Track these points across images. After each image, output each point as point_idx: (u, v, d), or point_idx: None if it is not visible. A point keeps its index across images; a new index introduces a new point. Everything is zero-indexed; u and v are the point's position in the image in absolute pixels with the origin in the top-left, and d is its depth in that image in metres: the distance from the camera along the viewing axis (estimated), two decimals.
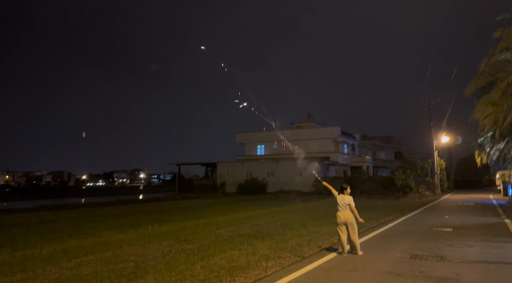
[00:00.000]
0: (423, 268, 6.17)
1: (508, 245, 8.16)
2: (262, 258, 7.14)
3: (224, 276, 5.89)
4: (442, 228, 11.07)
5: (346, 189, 7.45)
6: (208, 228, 11.29)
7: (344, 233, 7.24)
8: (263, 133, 46.77)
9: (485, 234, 9.76)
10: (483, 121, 14.11)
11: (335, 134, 42.42)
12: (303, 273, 6.02)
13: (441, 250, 7.67)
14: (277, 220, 13.29)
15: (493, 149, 21.81)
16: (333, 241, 8.89)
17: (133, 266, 6.70)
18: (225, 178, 40.51)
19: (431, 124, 37.53)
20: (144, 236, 10.08)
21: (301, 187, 35.19)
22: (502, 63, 13.24)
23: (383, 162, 56.66)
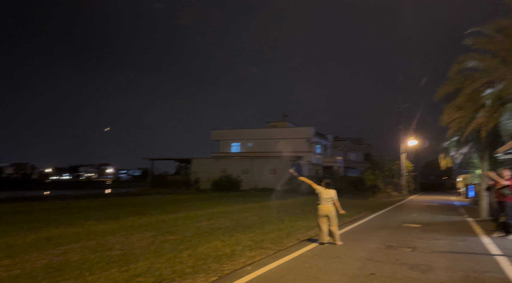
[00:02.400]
0: (398, 257, 6.68)
1: (471, 239, 8.87)
2: (245, 248, 7.42)
3: (212, 263, 6.13)
4: (411, 224, 11.76)
5: (329, 184, 7.89)
6: (188, 221, 11.45)
7: (326, 224, 7.67)
8: (238, 131, 47.05)
9: (450, 230, 10.49)
10: (450, 125, 14.99)
11: (309, 134, 43.28)
12: (289, 259, 6.38)
13: (412, 242, 8.24)
14: (255, 215, 13.61)
15: (457, 153, 22.93)
16: (310, 235, 9.31)
17: (120, 254, 6.82)
18: (199, 175, 40.45)
19: (400, 128, 39.08)
20: (125, 227, 10.13)
21: (275, 185, 35.69)
22: (470, 71, 14.12)
23: (353, 163, 58.26)
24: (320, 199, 7.84)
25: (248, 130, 46.71)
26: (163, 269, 5.64)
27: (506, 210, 9.16)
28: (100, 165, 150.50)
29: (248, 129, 46.99)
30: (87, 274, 5.33)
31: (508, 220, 9.06)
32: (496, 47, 13.61)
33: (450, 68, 14.36)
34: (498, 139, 14.65)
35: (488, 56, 13.70)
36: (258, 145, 44.84)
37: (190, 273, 5.47)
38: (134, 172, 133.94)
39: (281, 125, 46.93)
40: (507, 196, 9.19)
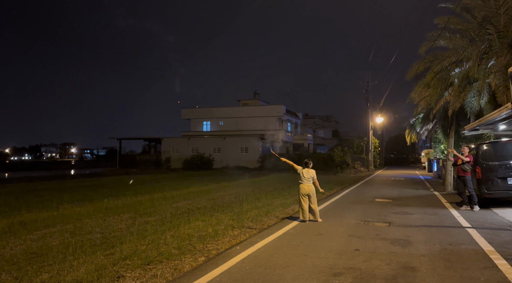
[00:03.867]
0: (378, 232, 6.97)
1: (442, 212, 9.37)
2: (228, 227, 7.48)
3: (196, 244, 6.14)
4: (383, 199, 12.24)
5: (309, 164, 8.03)
6: (165, 202, 11.36)
7: (307, 202, 7.85)
8: (209, 109, 46.56)
9: (421, 204, 11.02)
10: (419, 103, 15.51)
11: (280, 113, 43.52)
12: (275, 237, 6.50)
13: (387, 217, 8.60)
14: (231, 194, 13.68)
15: (422, 129, 23.84)
16: (288, 212, 9.50)
17: (101, 237, 6.71)
18: (170, 154, 39.97)
19: (368, 105, 40.00)
20: (101, 209, 9.93)
21: (247, 163, 35.95)
22: (440, 51, 14.55)
23: (322, 139, 59.37)
24: (301, 179, 7.98)
25: (219, 108, 46.29)
26: (148, 251, 5.60)
27: (467, 183, 9.74)
28: (63, 144, 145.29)
29: (219, 107, 46.57)
30: (71, 259, 5.21)
31: (471, 193, 9.65)
32: (464, 27, 14.04)
33: (420, 47, 14.73)
34: (463, 116, 15.37)
35: (457, 35, 14.12)
36: (230, 124, 44.67)
37: (176, 255, 5.47)
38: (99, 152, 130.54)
39: (252, 104, 46.85)
40: (467, 171, 9.75)
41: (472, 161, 9.82)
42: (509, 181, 9.48)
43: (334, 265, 4.89)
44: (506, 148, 9.90)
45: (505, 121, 9.64)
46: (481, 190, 9.71)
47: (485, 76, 12.44)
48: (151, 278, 4.49)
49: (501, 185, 9.54)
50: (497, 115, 8.68)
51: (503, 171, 9.56)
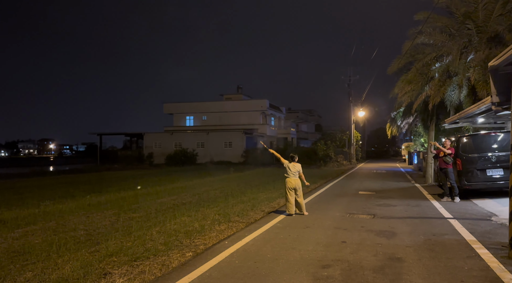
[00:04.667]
0: (363, 224, 7.08)
1: (424, 204, 9.59)
2: (214, 222, 7.46)
3: (183, 239, 6.11)
4: (366, 192, 12.44)
5: (295, 158, 8.08)
6: (149, 198, 11.25)
7: (293, 196, 7.91)
8: (192, 104, 46.14)
9: (403, 196, 11.24)
10: (402, 98, 15.76)
11: (264, 107, 43.50)
12: (263, 231, 6.53)
13: (372, 210, 8.75)
14: (216, 189, 13.64)
15: (403, 123, 24.23)
16: (274, 206, 9.54)
17: (85, 234, 6.60)
18: (153, 149, 39.51)
19: (350, 99, 40.44)
20: (84, 206, 9.76)
21: (231, 158, 35.89)
22: (421, 46, 14.79)
23: (305, 134, 59.79)
24: (287, 173, 8.02)
25: (202, 103, 45.93)
26: (134, 248, 5.54)
27: (448, 175, 10.00)
28: (41, 140, 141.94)
29: (202, 102, 46.20)
30: (55, 256, 5.10)
31: (452, 184, 9.92)
32: (444, 23, 14.29)
33: (401, 44, 14.97)
34: (443, 110, 15.70)
35: (437, 31, 14.37)
36: (213, 118, 44.42)
37: (163, 250, 5.43)
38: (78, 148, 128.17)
39: (236, 98, 46.67)
40: (448, 164, 10.01)
41: (454, 153, 10.08)
42: (487, 173, 9.77)
43: (322, 257, 4.94)
44: (485, 140, 10.19)
45: (484, 114, 9.89)
46: (461, 182, 9.98)
47: (464, 70, 12.72)
48: (139, 275, 4.44)
49: (480, 176, 9.82)
50: (476, 108, 8.89)
51: (482, 163, 9.84)
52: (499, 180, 9.60)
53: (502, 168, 9.57)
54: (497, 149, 9.83)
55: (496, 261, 4.64)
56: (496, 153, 9.79)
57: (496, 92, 7.08)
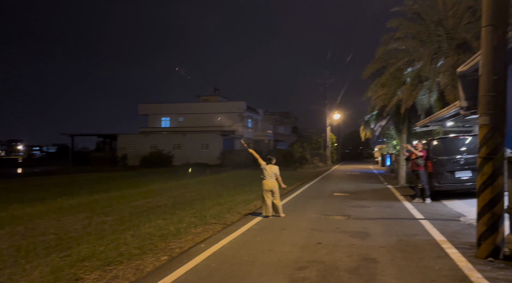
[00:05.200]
0: (338, 225, 7.18)
1: (397, 205, 9.83)
2: (190, 225, 7.40)
3: (158, 243, 6.02)
4: (341, 193, 12.64)
5: (272, 160, 8.12)
6: (123, 201, 11.03)
7: (270, 198, 7.94)
8: (168, 105, 45.56)
9: (376, 198, 11.49)
10: (375, 101, 16.15)
11: (241, 109, 43.49)
12: (239, 234, 6.51)
13: (346, 211, 8.89)
14: (192, 191, 13.53)
15: (376, 126, 24.78)
16: (251, 208, 9.55)
17: (56, 238, 6.40)
18: (127, 151, 38.73)
19: (325, 102, 41.04)
20: (55, 209, 9.47)
21: (208, 160, 35.65)
22: (394, 51, 15.21)
23: (281, 136, 60.14)
24: (264, 175, 8.05)
25: (178, 104, 45.43)
26: (107, 252, 5.42)
27: (420, 177, 10.30)
28: (8, 141, 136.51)
29: (178, 103, 45.70)
30: (23, 262, 4.92)
31: (424, 186, 10.22)
32: (415, 30, 14.75)
33: (375, 48, 15.35)
34: (414, 114, 16.17)
35: (409, 37, 14.82)
36: (190, 120, 43.99)
37: (137, 254, 5.33)
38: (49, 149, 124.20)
39: (213, 100, 46.45)
40: (420, 166, 10.32)
41: (425, 156, 10.39)
42: (456, 175, 10.13)
43: (299, 259, 4.98)
44: (454, 143, 10.56)
45: (453, 118, 10.27)
46: (432, 184, 10.30)
47: (435, 75, 13.16)
48: (112, 279, 4.34)
49: (449, 178, 10.17)
50: (446, 112, 9.22)
51: (451, 165, 10.20)
52: (467, 182, 9.96)
53: (470, 170, 9.94)
54: (466, 152, 10.21)
55: (465, 260, 4.81)
56: (465, 156, 10.16)
57: (464, 97, 7.38)
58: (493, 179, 4.80)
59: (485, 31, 4.75)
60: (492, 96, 4.85)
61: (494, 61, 4.80)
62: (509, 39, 4.83)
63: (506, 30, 4.68)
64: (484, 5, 4.66)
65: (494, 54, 4.79)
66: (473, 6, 13.28)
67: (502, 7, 4.63)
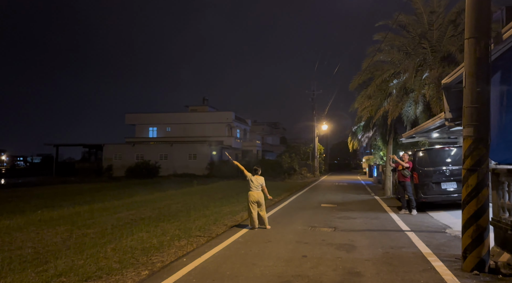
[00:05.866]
0: (324, 237, 7.09)
1: (383, 216, 9.80)
2: (174, 238, 7.23)
3: (140, 256, 5.85)
4: (328, 205, 12.57)
5: (258, 171, 8.02)
6: (106, 213, 10.78)
7: (255, 210, 7.82)
8: (155, 115, 45.21)
9: (363, 209, 11.45)
10: (361, 112, 16.25)
11: (229, 119, 43.40)
12: (224, 247, 6.36)
13: (333, 222, 8.81)
14: (178, 203, 13.32)
15: (363, 137, 24.92)
16: (237, 220, 9.41)
17: (33, 252, 6.18)
18: (112, 161, 38.17)
19: (313, 113, 41.24)
20: (34, 222, 9.18)
21: (195, 171, 35.34)
22: (380, 63, 15.38)
23: (270, 146, 60.18)
24: (250, 186, 7.94)
25: (166, 114, 45.12)
26: (86, 266, 5.23)
27: (406, 188, 10.31)
28: None
29: (166, 113, 45.39)
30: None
31: (410, 197, 10.21)
32: (401, 42, 14.96)
33: (362, 60, 15.52)
34: (400, 125, 16.30)
35: (394, 49, 15.01)
36: (177, 130, 43.69)
37: (117, 269, 5.15)
38: (33, 159, 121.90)
39: (201, 110, 46.30)
40: (407, 177, 10.33)
41: (411, 167, 10.41)
42: (442, 186, 10.16)
43: (283, 273, 4.86)
44: (439, 154, 10.63)
45: (438, 129, 10.35)
46: (418, 195, 10.31)
47: (420, 87, 13.31)
48: None
49: (435, 189, 10.20)
50: (431, 123, 9.28)
51: (437, 176, 10.24)
52: (453, 193, 10.01)
53: (456, 181, 10.00)
54: (451, 163, 10.28)
55: (450, 273, 4.75)
56: (450, 167, 10.22)
57: (449, 109, 7.42)
58: (478, 191, 4.79)
59: (468, 43, 4.79)
60: (476, 108, 4.87)
61: (477, 73, 4.83)
62: (491, 51, 4.87)
63: (489, 42, 4.72)
64: (467, 17, 4.71)
65: (477, 66, 4.82)
66: (455, 20, 13.56)
67: (484, 20, 4.68)
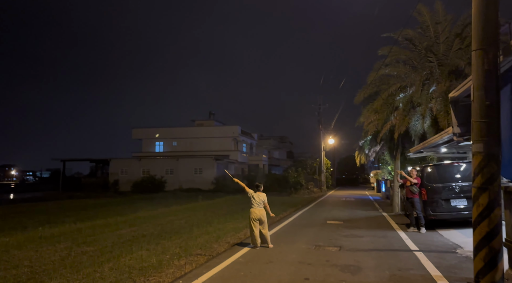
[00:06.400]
0: (328, 257, 6.81)
1: (391, 234, 9.46)
2: (174, 256, 7.03)
3: (137, 277, 5.65)
4: (334, 221, 12.25)
5: (260, 187, 7.82)
6: (108, 229, 10.62)
7: (257, 228, 7.58)
8: (162, 129, 45.34)
9: (370, 226, 11.11)
10: (368, 126, 16.01)
11: (235, 133, 43.34)
12: (223, 267, 6.12)
13: (338, 241, 8.52)
14: (181, 219, 13.13)
15: (371, 151, 24.61)
16: (240, 237, 9.17)
17: (29, 271, 6.02)
18: (119, 176, 38.17)
19: (320, 127, 41.02)
20: (35, 239, 9.05)
21: (201, 185, 35.14)
22: (385, 77, 15.20)
23: (277, 160, 59.85)
24: (252, 203, 7.73)
25: (173, 128, 45.25)
26: None
27: (415, 205, 9.98)
28: (2, 166, 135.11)
29: (173, 127, 45.53)
30: None
31: (419, 214, 9.87)
32: (407, 56, 14.80)
33: (368, 74, 15.36)
34: (408, 139, 16.01)
35: (400, 63, 14.86)
36: (184, 144, 43.71)
37: None
38: (42, 174, 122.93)
39: (208, 124, 46.36)
40: (415, 193, 10.01)
41: (419, 183, 10.10)
42: (452, 203, 9.82)
43: None
44: (449, 170, 10.31)
45: (447, 144, 10.08)
46: (426, 212, 9.97)
47: (427, 101, 13.07)
48: None
49: (445, 206, 9.85)
50: (439, 138, 9.03)
51: (447, 192, 9.91)
52: (463, 210, 9.66)
53: (466, 198, 9.66)
54: (461, 179, 9.95)
55: None
56: (460, 183, 9.90)
57: (457, 123, 7.19)
58: (490, 210, 4.53)
59: (475, 55, 4.60)
60: (485, 122, 4.65)
61: (486, 86, 4.63)
62: (501, 64, 4.67)
63: (497, 54, 4.53)
64: (473, 28, 4.53)
65: (486, 79, 4.62)
66: (461, 33, 13.40)
67: (491, 30, 4.50)
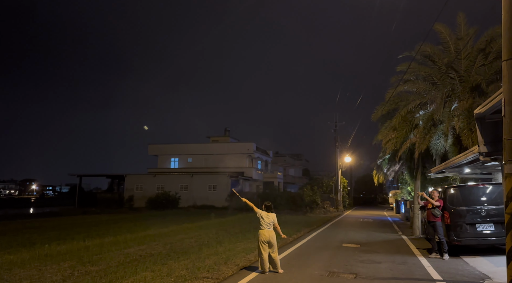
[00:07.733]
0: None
1: (411, 261, 8.81)
2: (178, 279, 6.69)
3: None
4: (350, 245, 11.65)
5: (270, 207, 7.40)
6: (115, 247, 10.34)
7: (266, 251, 7.12)
8: (178, 146, 45.52)
9: (389, 251, 10.46)
10: (386, 145, 15.45)
11: (250, 150, 43.08)
12: None
13: (354, 267, 7.97)
14: (191, 237, 12.78)
15: (389, 170, 23.86)
16: (251, 259, 8.74)
17: None
18: (134, 192, 38.22)
19: (336, 145, 40.35)
20: (40, 257, 8.84)
21: (215, 202, 34.80)
22: (404, 93, 14.74)
23: (292, 178, 59.09)
24: (261, 223, 7.31)
25: (188, 145, 45.39)
26: None
27: (437, 229, 9.34)
28: (23, 181, 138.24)
29: (188, 143, 45.69)
30: None
31: (441, 239, 9.22)
32: (426, 73, 14.34)
33: (385, 91, 14.93)
34: (428, 158, 15.35)
35: (420, 80, 14.39)
36: (199, 161, 43.67)
37: None
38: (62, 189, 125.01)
39: (223, 140, 46.33)
40: (437, 217, 9.38)
41: (442, 205, 9.48)
42: (478, 228, 9.15)
43: None
44: (473, 192, 9.67)
45: (471, 164, 9.48)
46: (450, 237, 9.30)
47: (449, 119, 12.51)
48: None
49: (470, 231, 9.18)
50: (463, 158, 8.48)
51: (471, 216, 9.25)
52: (490, 236, 8.97)
53: (493, 223, 8.98)
54: (487, 202, 9.29)
55: None
56: (486, 207, 9.23)
57: (483, 142, 6.69)
58: None
59: (506, 66, 4.17)
60: None
61: None
62: None
63: None
64: (504, 37, 4.13)
65: None
66: (485, 49, 12.90)
67: None
